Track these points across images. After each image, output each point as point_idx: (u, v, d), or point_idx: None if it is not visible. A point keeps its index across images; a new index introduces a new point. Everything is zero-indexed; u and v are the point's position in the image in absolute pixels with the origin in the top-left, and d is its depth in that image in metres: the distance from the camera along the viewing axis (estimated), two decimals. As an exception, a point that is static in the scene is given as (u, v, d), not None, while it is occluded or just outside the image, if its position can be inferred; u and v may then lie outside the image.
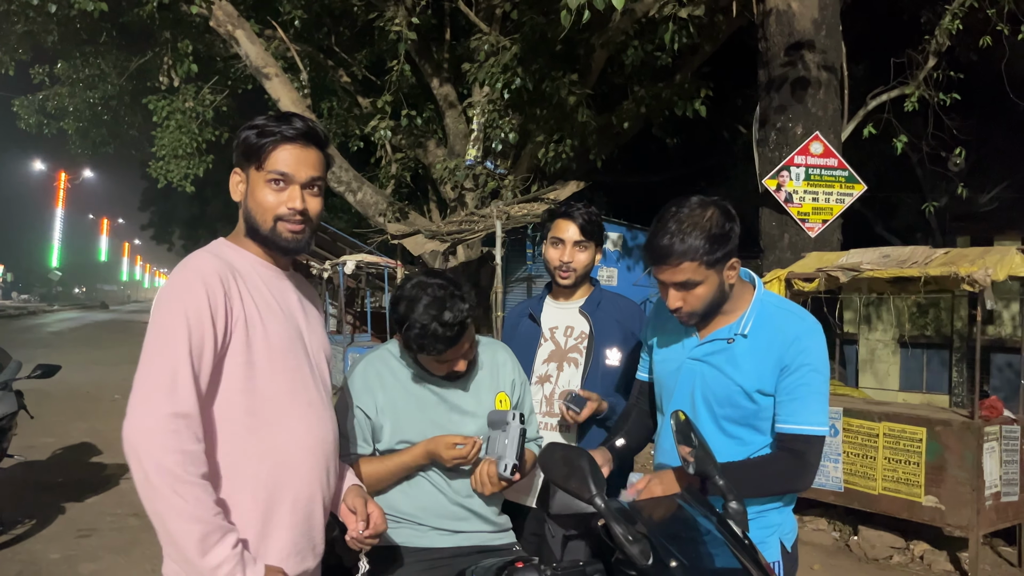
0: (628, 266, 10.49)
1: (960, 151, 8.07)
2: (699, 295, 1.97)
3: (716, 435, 2.06)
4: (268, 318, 1.62)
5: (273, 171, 1.64)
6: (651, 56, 8.97)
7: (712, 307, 2.01)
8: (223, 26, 10.67)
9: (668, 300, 2.00)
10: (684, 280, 1.94)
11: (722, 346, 2.06)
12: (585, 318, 2.64)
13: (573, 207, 2.63)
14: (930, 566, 5.22)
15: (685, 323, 2.06)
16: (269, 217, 1.65)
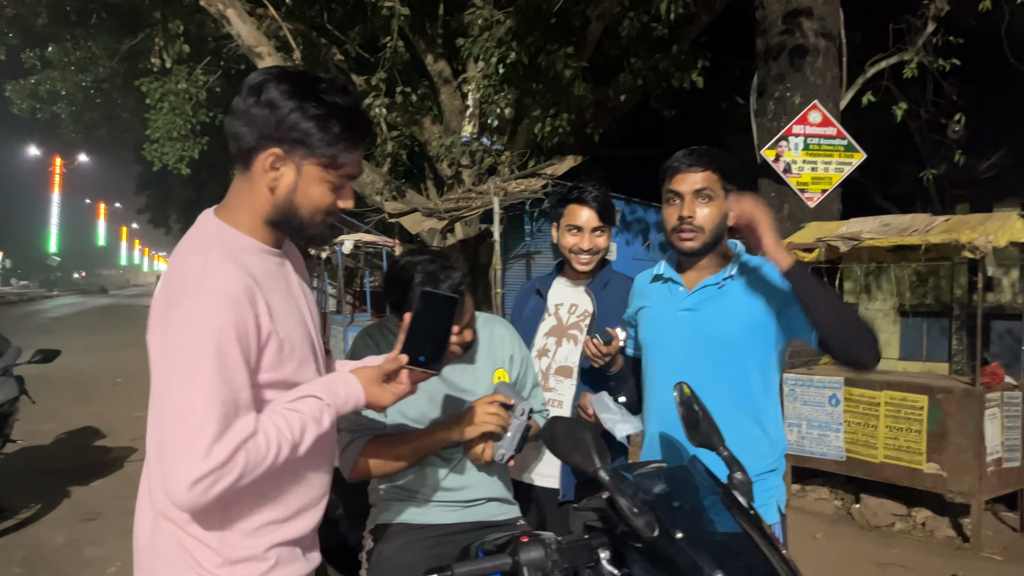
0: (627, 240, 10.44)
1: (959, 117, 8.01)
2: (710, 214, 2.11)
3: (712, 381, 2.09)
4: (287, 322, 1.50)
5: (346, 175, 1.50)
6: (647, 27, 8.87)
7: (712, 240, 2.13)
8: (214, 5, 10.53)
9: (683, 209, 2.11)
10: (703, 187, 2.10)
11: (713, 292, 2.16)
12: (589, 296, 2.62)
13: (586, 191, 2.57)
14: (932, 533, 5.26)
15: (685, 243, 2.13)
16: (321, 215, 1.50)
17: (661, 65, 9.73)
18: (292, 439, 1.42)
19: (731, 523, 1.60)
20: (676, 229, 2.16)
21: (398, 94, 9.94)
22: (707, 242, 2.13)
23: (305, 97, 1.42)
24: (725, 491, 1.68)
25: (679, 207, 2.14)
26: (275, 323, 1.44)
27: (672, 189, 2.17)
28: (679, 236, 2.16)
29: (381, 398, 1.60)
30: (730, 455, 1.78)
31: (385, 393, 1.60)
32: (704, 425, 1.80)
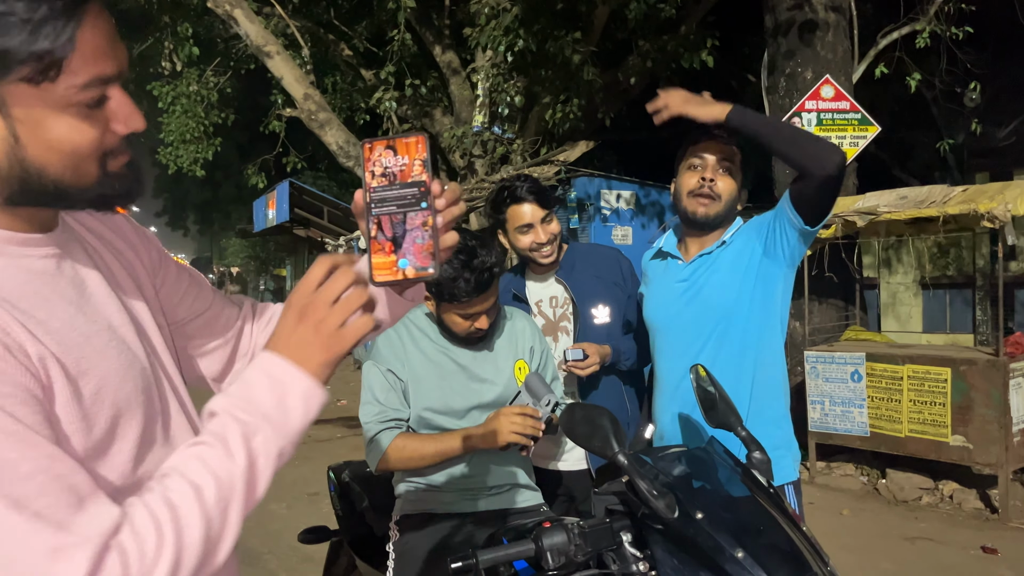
0: (643, 224, 10.40)
1: (975, 86, 7.89)
2: (728, 185, 2.15)
3: (716, 352, 2.11)
4: (82, 349, 0.86)
5: (93, 77, 0.84)
6: (654, 9, 8.79)
7: (724, 213, 2.15)
8: (221, 6, 10.57)
9: (706, 172, 2.13)
10: (729, 157, 2.14)
11: (707, 261, 2.18)
12: (562, 285, 2.61)
13: (517, 188, 2.50)
14: (960, 505, 5.23)
15: (700, 209, 2.14)
16: (89, 162, 0.87)
17: (670, 46, 9.65)
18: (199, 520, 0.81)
19: (751, 502, 1.61)
20: (695, 192, 2.14)
21: (407, 87, 9.95)
22: (720, 213, 2.14)
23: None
24: (744, 471, 1.70)
25: (700, 171, 2.14)
26: (59, 355, 0.83)
27: (697, 153, 2.16)
28: (698, 199, 2.14)
29: (332, 347, 0.89)
30: (748, 435, 1.79)
31: (337, 337, 0.88)
32: (721, 406, 1.81)
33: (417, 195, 0.91)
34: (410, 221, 0.91)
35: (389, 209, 0.91)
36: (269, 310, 1.27)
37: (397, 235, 0.91)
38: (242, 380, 0.89)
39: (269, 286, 27.28)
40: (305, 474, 5.85)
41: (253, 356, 1.19)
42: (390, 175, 0.91)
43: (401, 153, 0.92)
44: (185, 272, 1.17)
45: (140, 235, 1.12)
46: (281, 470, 0.92)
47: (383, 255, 0.90)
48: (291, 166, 13.29)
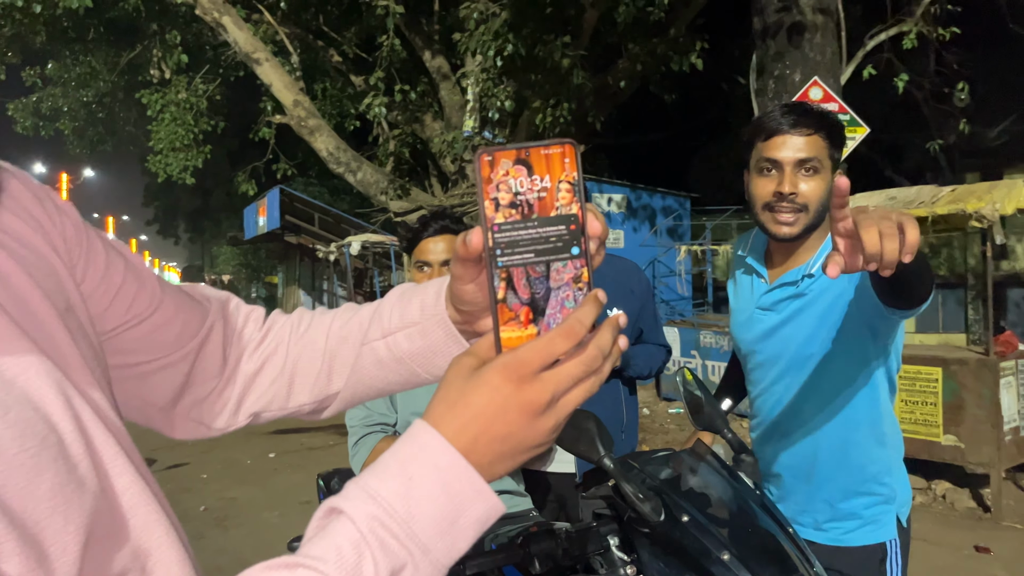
0: (634, 227, 10.42)
1: (963, 86, 7.93)
2: (815, 189, 1.66)
3: (801, 398, 1.77)
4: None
5: None
6: (643, 12, 8.82)
7: (815, 221, 1.70)
8: (209, 14, 10.56)
9: (783, 182, 1.66)
10: (809, 157, 1.66)
11: (790, 292, 1.77)
12: None
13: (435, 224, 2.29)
14: (953, 505, 5.23)
15: (783, 228, 1.69)
16: None
17: (659, 49, 9.69)
18: None
19: (738, 504, 1.60)
20: (770, 206, 1.69)
21: (397, 92, 9.94)
22: (809, 224, 1.69)
23: None
24: (731, 473, 1.69)
25: (776, 179, 1.68)
26: None
27: (768, 156, 1.69)
28: (775, 217, 1.69)
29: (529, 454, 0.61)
30: (735, 437, 1.79)
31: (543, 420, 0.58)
32: (707, 409, 1.80)
33: (566, 236, 0.61)
34: (555, 276, 0.61)
35: (524, 257, 0.60)
36: (246, 313, 0.91)
37: (537, 297, 0.61)
38: (402, 474, 0.57)
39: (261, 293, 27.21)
40: (298, 482, 5.82)
41: (228, 383, 0.87)
42: (524, 205, 0.60)
43: (539, 171, 0.61)
44: (119, 258, 0.79)
45: (46, 205, 0.70)
46: (273, 479, 0.86)
47: (516, 327, 0.60)
48: (281, 173, 13.27)
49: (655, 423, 7.87)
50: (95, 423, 0.61)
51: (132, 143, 17.08)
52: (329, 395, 0.87)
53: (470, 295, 0.73)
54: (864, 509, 1.74)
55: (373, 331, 0.83)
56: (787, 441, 1.82)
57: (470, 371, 0.58)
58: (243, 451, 6.87)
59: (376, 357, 0.83)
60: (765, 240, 1.85)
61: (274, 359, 0.87)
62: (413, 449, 0.58)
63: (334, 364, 0.85)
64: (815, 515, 1.80)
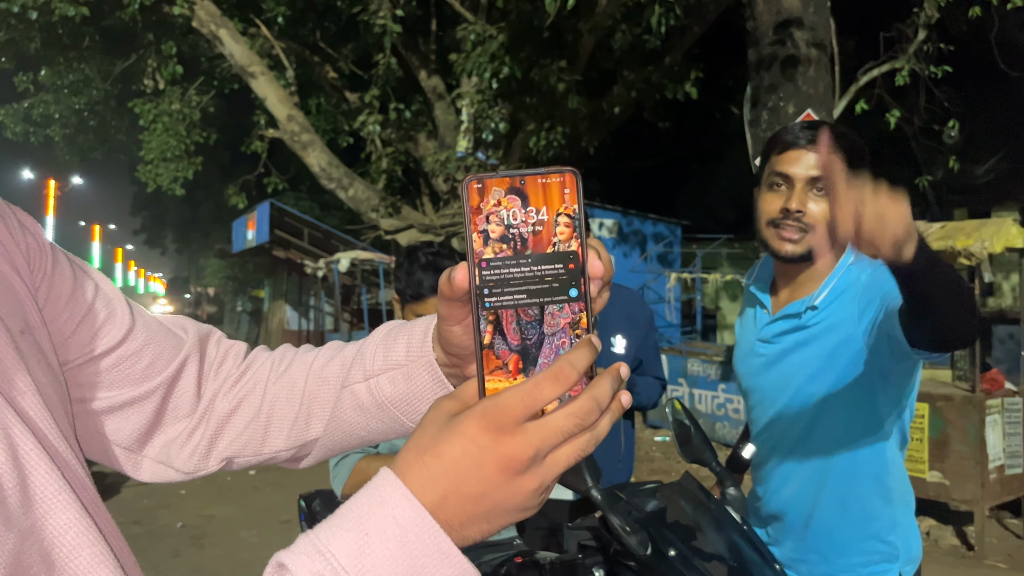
0: (624, 252, 10.43)
1: (953, 124, 8.02)
2: (825, 210, 1.54)
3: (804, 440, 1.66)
4: None
5: None
6: (639, 40, 8.90)
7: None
8: (206, 26, 10.58)
9: (791, 199, 1.57)
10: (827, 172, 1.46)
11: (792, 325, 1.67)
12: None
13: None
14: (936, 542, 5.20)
15: (785, 245, 1.60)
16: None
17: (654, 77, 9.76)
18: None
19: (724, 540, 1.57)
20: (775, 223, 1.60)
21: (392, 111, 9.96)
22: (814, 247, 1.55)
23: None
24: (719, 507, 1.66)
25: (785, 195, 1.59)
26: None
27: (780, 171, 1.60)
28: (779, 233, 1.59)
29: (507, 520, 0.52)
30: (723, 470, 1.76)
31: (524, 480, 0.50)
32: (696, 441, 1.78)
33: (563, 276, 0.54)
34: (550, 320, 0.54)
35: (515, 299, 0.54)
36: (226, 348, 0.85)
37: (528, 343, 0.54)
38: (357, 529, 0.50)
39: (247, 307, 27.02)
40: (277, 501, 5.73)
41: (200, 423, 0.80)
42: (517, 239, 0.53)
43: (535, 202, 0.53)
44: (88, 282, 0.74)
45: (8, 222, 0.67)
46: (252, 497, 0.82)
47: (504, 376, 0.53)
48: (272, 187, 13.24)
49: (640, 451, 7.83)
50: (37, 455, 0.55)
51: (123, 152, 17.02)
52: (308, 441, 0.80)
53: (458, 338, 0.65)
54: (862, 567, 1.63)
55: (355, 373, 0.76)
56: (785, 485, 1.71)
57: (449, 416, 0.51)
58: (222, 467, 6.76)
59: (357, 402, 0.76)
60: (772, 270, 1.78)
61: (251, 399, 0.80)
62: (373, 501, 0.50)
63: (313, 408, 0.79)
64: (811, 566, 1.68)
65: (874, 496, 1.63)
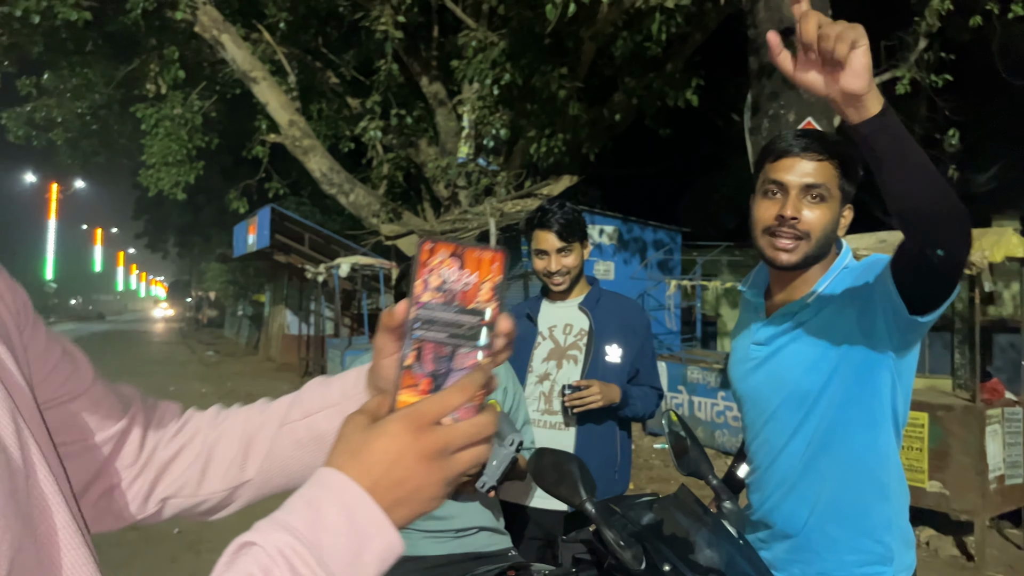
0: (625, 259, 10.42)
1: (954, 132, 8.02)
2: (820, 217, 1.57)
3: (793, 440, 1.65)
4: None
5: None
6: (641, 47, 8.91)
7: (816, 252, 1.61)
8: (208, 31, 10.61)
9: (786, 206, 1.57)
10: (815, 183, 1.56)
11: (787, 324, 1.67)
12: (585, 314, 2.60)
13: (548, 213, 2.57)
14: (936, 552, 5.18)
15: (781, 255, 1.60)
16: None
17: (655, 84, 9.77)
18: None
19: (720, 554, 1.56)
20: (771, 231, 1.60)
21: (393, 116, 9.98)
22: (810, 254, 1.60)
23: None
24: (715, 521, 1.64)
25: (779, 203, 1.59)
26: None
27: (774, 178, 1.60)
28: (773, 243, 1.60)
29: (430, 505, 0.64)
30: (719, 483, 1.75)
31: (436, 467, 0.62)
32: (693, 453, 1.77)
33: (477, 327, 0.68)
34: (459, 358, 0.68)
35: (437, 335, 0.68)
36: (165, 405, 0.91)
37: (439, 371, 0.67)
38: (309, 508, 0.60)
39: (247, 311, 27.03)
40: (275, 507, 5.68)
41: (142, 471, 0.84)
42: (449, 293, 0.68)
43: (470, 267, 0.69)
44: (56, 343, 0.83)
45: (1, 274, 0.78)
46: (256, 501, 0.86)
47: (414, 393, 0.66)
48: (274, 192, 13.25)
49: (639, 458, 7.82)
50: (39, 458, 0.62)
51: (125, 156, 17.04)
52: (242, 483, 0.85)
53: (387, 371, 0.76)
54: (856, 567, 1.61)
55: (293, 413, 0.85)
56: (780, 487, 1.70)
57: (366, 424, 0.63)
58: (221, 472, 6.74)
59: (295, 438, 0.84)
60: (767, 275, 1.78)
61: (191, 445, 0.87)
62: (319, 488, 0.61)
63: (251, 448, 0.85)
64: (804, 566, 1.66)
65: (869, 490, 1.62)
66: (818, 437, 1.63)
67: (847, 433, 1.60)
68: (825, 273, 1.65)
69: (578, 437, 2.51)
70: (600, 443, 2.51)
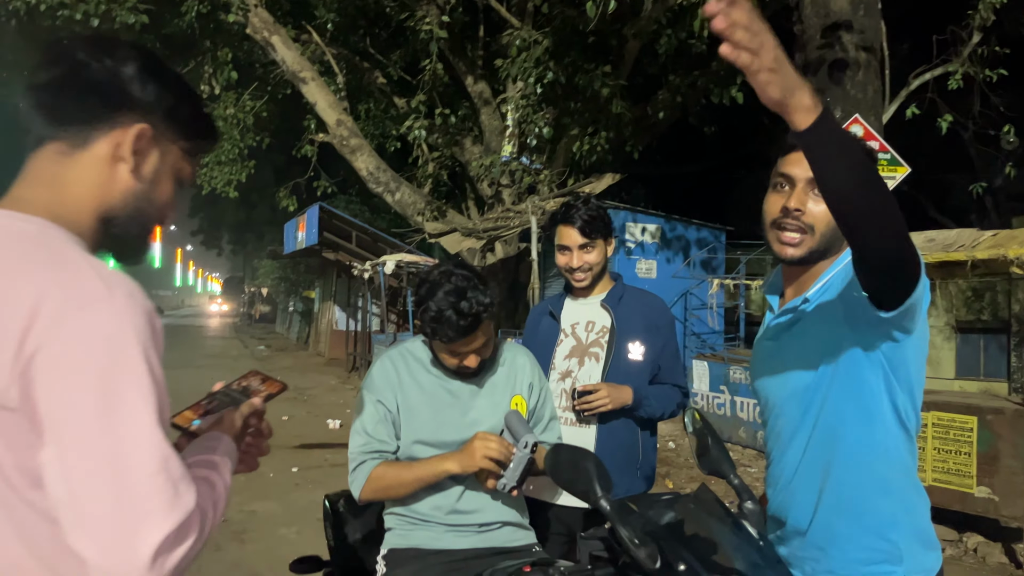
0: (667, 258, 10.35)
1: (1009, 128, 7.78)
2: (825, 212, 1.55)
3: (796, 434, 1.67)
4: None
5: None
6: (685, 44, 8.84)
7: (822, 247, 1.62)
8: (259, 33, 10.84)
9: (791, 199, 1.60)
10: None
11: (794, 317, 1.68)
12: (607, 311, 2.59)
13: (573, 209, 2.56)
14: (984, 559, 5.05)
15: (786, 248, 1.63)
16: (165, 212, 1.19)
17: (700, 81, 9.67)
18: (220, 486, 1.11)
19: (740, 555, 1.56)
20: (777, 223, 1.62)
21: (438, 116, 10.06)
22: (814, 249, 1.61)
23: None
24: (736, 521, 1.64)
25: (786, 195, 1.61)
26: None
27: (783, 172, 1.62)
28: (780, 236, 1.62)
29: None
30: (741, 483, 1.74)
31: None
32: (714, 452, 1.77)
33: (239, 399, 1.41)
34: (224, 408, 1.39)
35: (221, 402, 1.41)
36: None
37: (212, 410, 1.39)
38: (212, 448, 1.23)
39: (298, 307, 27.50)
40: (317, 499, 5.80)
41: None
42: (240, 389, 1.48)
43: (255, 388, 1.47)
44: None
45: None
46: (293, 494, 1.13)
47: (195, 411, 1.39)
48: (322, 190, 13.46)
49: (680, 457, 7.77)
50: None
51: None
52: None
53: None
54: (862, 565, 1.58)
55: None
56: (790, 481, 1.70)
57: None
58: (267, 463, 6.90)
59: None
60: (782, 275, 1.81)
61: None
62: (218, 439, 1.24)
63: None
64: (813, 563, 1.65)
65: (869, 485, 1.59)
66: (818, 432, 1.63)
67: (844, 427, 1.60)
68: (829, 267, 1.65)
69: (599, 435, 2.51)
70: (622, 441, 2.51)
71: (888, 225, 1.28)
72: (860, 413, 1.59)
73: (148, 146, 1.10)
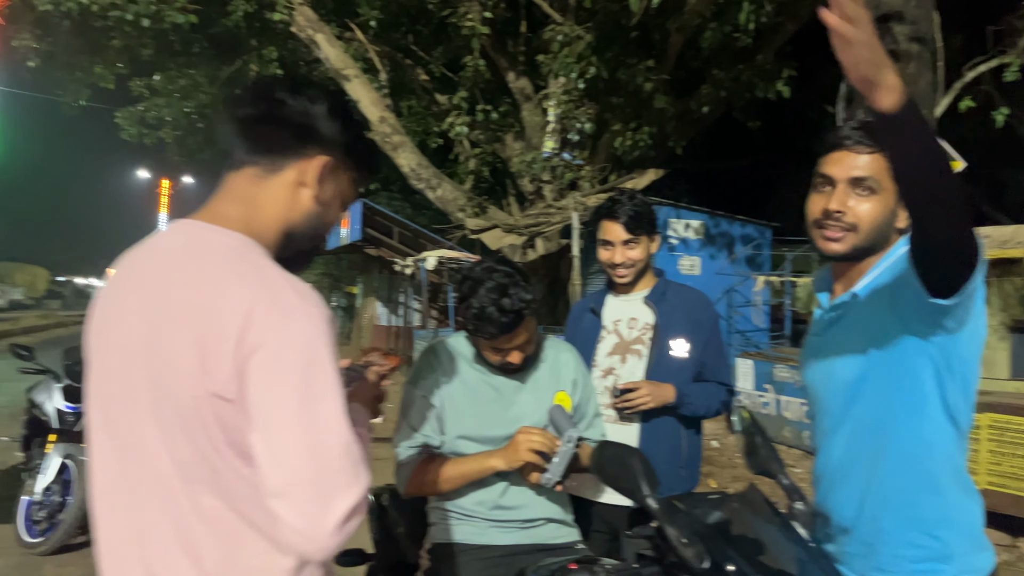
0: (711, 254, 10.22)
1: (1069, 121, 7.52)
2: (869, 211, 1.57)
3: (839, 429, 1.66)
4: None
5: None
6: (730, 38, 8.70)
7: (868, 244, 1.61)
8: (304, 31, 10.96)
9: (831, 200, 1.59)
10: (865, 176, 1.57)
11: (841, 312, 1.67)
12: (650, 308, 2.56)
13: (618, 204, 2.53)
14: (1050, 566, 4.91)
15: (829, 244, 1.62)
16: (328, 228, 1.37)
17: (745, 76, 9.53)
18: None
19: (789, 556, 1.53)
20: (818, 224, 1.63)
21: (479, 112, 10.06)
22: (859, 246, 1.60)
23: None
24: (785, 522, 1.61)
25: (827, 196, 1.61)
26: None
27: (823, 172, 1.63)
28: (822, 234, 1.62)
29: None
30: (791, 483, 1.71)
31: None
32: (763, 452, 1.74)
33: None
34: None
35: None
36: None
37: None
38: None
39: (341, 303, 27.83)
40: (360, 492, 5.88)
41: None
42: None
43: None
44: None
45: None
46: None
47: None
48: (364, 187, 13.56)
49: (723, 456, 7.68)
50: None
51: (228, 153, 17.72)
52: None
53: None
54: (909, 562, 1.54)
55: None
56: (836, 478, 1.68)
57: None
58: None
59: None
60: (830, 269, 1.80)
61: None
62: (356, 414, 1.32)
63: None
64: (861, 559, 1.62)
65: (916, 481, 1.56)
66: (862, 425, 1.61)
67: (891, 421, 1.57)
68: (876, 263, 1.64)
69: (641, 433, 2.48)
70: (665, 438, 2.47)
71: (956, 212, 1.28)
72: (908, 406, 1.56)
73: (328, 175, 1.29)
